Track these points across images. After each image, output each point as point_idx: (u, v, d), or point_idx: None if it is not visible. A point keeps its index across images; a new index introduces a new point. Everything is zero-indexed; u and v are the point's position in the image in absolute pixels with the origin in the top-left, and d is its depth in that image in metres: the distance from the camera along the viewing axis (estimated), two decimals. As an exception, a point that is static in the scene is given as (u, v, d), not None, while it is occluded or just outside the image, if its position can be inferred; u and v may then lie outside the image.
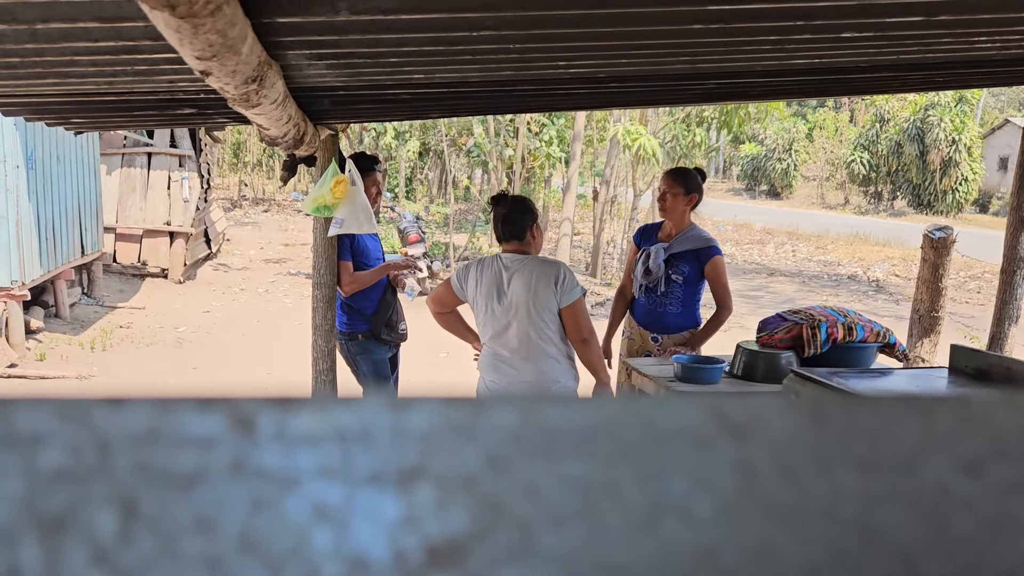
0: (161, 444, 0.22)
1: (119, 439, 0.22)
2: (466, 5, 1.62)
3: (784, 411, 0.25)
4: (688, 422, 0.24)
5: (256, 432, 0.23)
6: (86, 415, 0.22)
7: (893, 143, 27.77)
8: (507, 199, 3.19)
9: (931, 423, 0.25)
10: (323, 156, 3.80)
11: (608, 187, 12.59)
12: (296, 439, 0.23)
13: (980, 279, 13.66)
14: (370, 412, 0.23)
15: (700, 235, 4.04)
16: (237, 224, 16.36)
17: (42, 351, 7.43)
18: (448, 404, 0.24)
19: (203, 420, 0.22)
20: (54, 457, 0.21)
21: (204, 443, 0.22)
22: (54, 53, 1.78)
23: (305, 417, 0.23)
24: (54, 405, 0.22)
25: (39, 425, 0.22)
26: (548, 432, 0.24)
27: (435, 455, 0.23)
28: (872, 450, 0.24)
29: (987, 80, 3.63)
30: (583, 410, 0.24)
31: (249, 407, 0.23)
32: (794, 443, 0.24)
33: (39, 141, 7.90)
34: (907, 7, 1.79)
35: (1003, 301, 4.88)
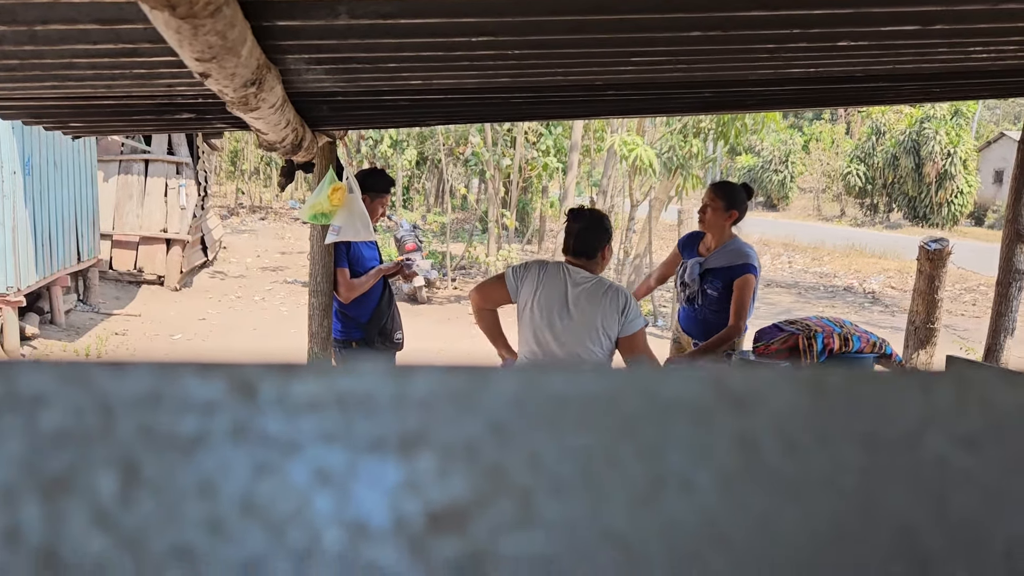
0: (163, 408, 0.22)
1: (121, 402, 0.22)
2: (465, 10, 1.63)
3: (785, 384, 0.25)
4: (690, 394, 0.24)
5: (258, 397, 0.23)
6: (88, 378, 0.22)
7: (889, 156, 27.87)
8: (585, 214, 3.07)
9: (930, 398, 0.25)
10: (321, 163, 3.80)
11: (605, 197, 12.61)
12: (298, 405, 0.23)
13: (976, 291, 13.69)
14: (372, 379, 0.23)
15: (738, 250, 3.96)
16: (234, 232, 16.35)
17: (37, 358, 7.41)
18: (450, 372, 0.24)
19: (205, 385, 0.22)
20: (56, 418, 0.21)
21: (206, 407, 0.22)
22: (53, 55, 1.78)
23: (307, 383, 0.23)
24: (56, 368, 0.22)
25: (41, 386, 0.22)
26: (550, 401, 0.24)
27: (437, 422, 0.23)
28: (872, 424, 0.24)
29: (982, 91, 3.65)
30: (585, 380, 0.24)
31: (251, 373, 0.23)
32: (795, 416, 0.24)
33: (36, 147, 7.89)
34: (903, 16, 1.80)
35: (999, 313, 4.89)
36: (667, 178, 11.49)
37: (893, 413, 0.25)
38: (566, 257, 3.07)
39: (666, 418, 0.24)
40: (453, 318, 10.48)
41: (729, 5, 1.67)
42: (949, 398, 0.25)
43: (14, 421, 0.21)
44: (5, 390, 0.21)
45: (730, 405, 0.24)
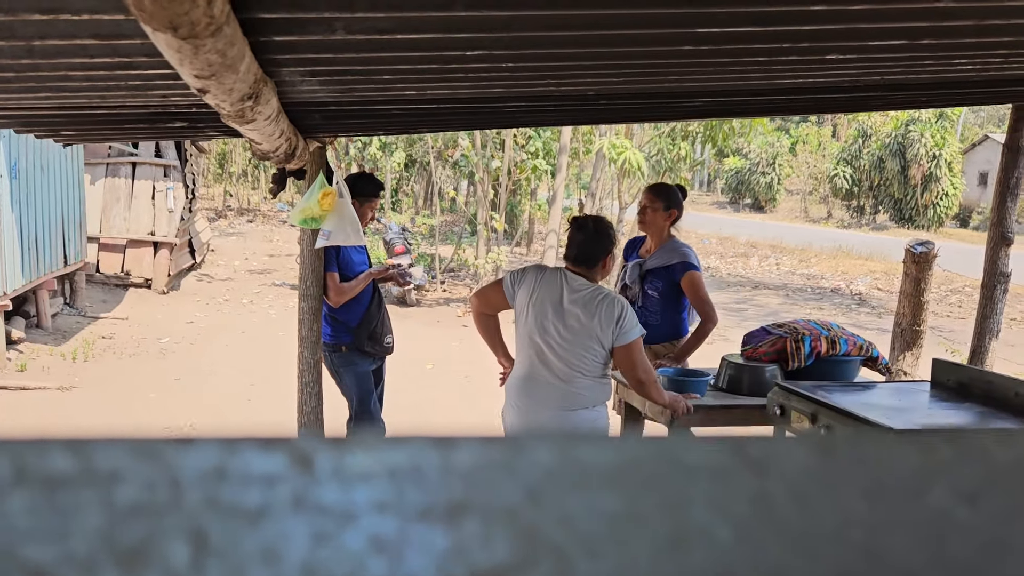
0: (228, 481, 0.24)
1: (190, 476, 0.24)
2: (461, 26, 1.65)
3: (799, 447, 0.27)
4: (710, 458, 0.26)
5: (315, 470, 0.24)
6: (159, 453, 0.24)
7: (875, 158, 28.09)
8: (588, 225, 3.05)
9: (932, 455, 0.27)
10: (311, 168, 3.81)
11: (594, 200, 12.66)
12: (352, 476, 0.24)
13: (961, 292, 13.83)
14: (419, 450, 0.25)
15: (676, 250, 4.03)
16: (222, 234, 16.30)
17: (23, 362, 7.36)
18: (490, 443, 0.25)
19: (266, 458, 0.24)
20: (130, 492, 0.23)
21: (268, 480, 0.24)
22: (49, 68, 1.79)
23: (360, 456, 0.25)
24: (129, 444, 0.24)
25: (116, 462, 0.23)
26: (581, 468, 0.26)
27: (479, 490, 0.25)
28: (878, 480, 0.27)
29: (967, 99, 3.71)
30: (613, 448, 0.26)
31: (308, 446, 0.25)
32: (806, 474, 0.26)
33: (23, 151, 7.85)
34: (891, 31, 1.84)
35: (984, 315, 4.95)
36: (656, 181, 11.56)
37: (898, 470, 0.27)
38: (566, 264, 3.09)
39: (688, 480, 0.26)
40: (442, 320, 10.49)
41: (721, 22, 1.69)
42: (949, 455, 0.28)
43: (92, 496, 0.23)
44: (83, 466, 0.23)
45: (747, 467, 0.26)
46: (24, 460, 0.23)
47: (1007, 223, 4.77)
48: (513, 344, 3.24)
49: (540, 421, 3.00)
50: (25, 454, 0.23)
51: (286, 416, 4.45)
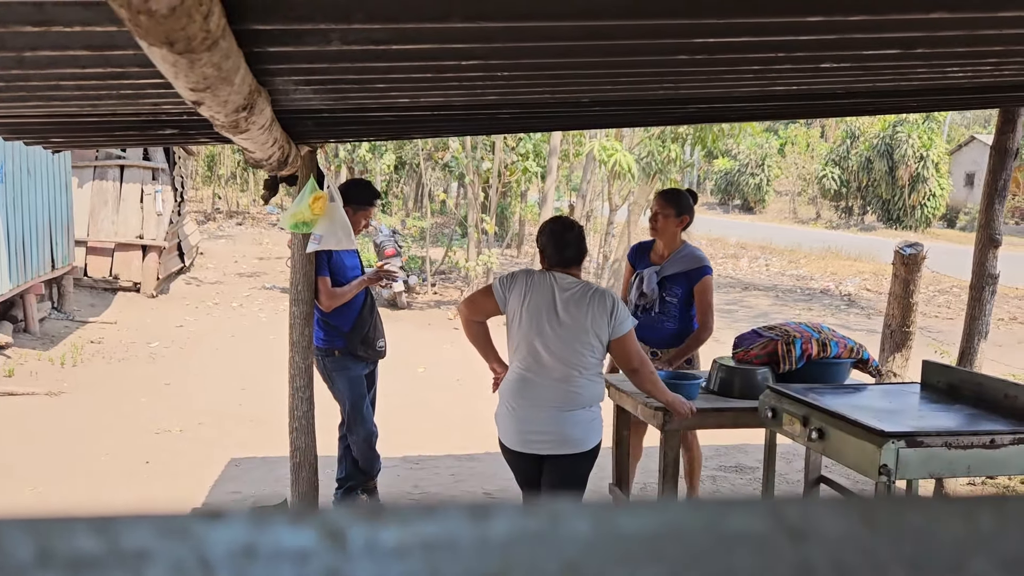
0: (259, 558, 0.23)
1: (219, 554, 0.23)
2: (455, 37, 1.64)
3: (838, 513, 0.26)
4: (750, 526, 0.26)
5: (347, 544, 0.24)
6: (186, 531, 0.23)
7: (863, 159, 28.24)
8: (573, 228, 3.13)
9: (973, 523, 0.27)
10: (302, 172, 3.79)
11: (584, 202, 12.67)
12: (385, 551, 0.24)
13: (949, 293, 13.91)
14: (453, 522, 0.24)
15: (692, 255, 4.11)
16: (211, 237, 16.22)
17: (11, 367, 7.30)
18: (526, 513, 0.25)
19: (297, 534, 0.23)
20: (160, 573, 0.22)
21: (299, 556, 0.23)
22: (39, 78, 1.77)
23: (393, 529, 0.24)
24: (156, 521, 0.23)
25: (143, 542, 0.23)
26: (620, 539, 0.25)
27: (516, 563, 0.24)
28: (920, 550, 0.26)
29: (957, 105, 3.73)
30: (651, 516, 0.26)
31: (339, 520, 0.24)
32: (849, 544, 0.26)
33: (9, 154, 7.79)
34: (885, 41, 1.84)
35: (972, 317, 4.99)
36: (646, 183, 11.57)
37: (939, 538, 0.27)
38: (553, 268, 3.10)
39: (729, 548, 0.26)
40: (433, 323, 10.47)
41: (715, 32, 1.69)
42: (990, 522, 0.27)
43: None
44: (109, 546, 0.22)
45: (787, 535, 0.26)
46: (49, 540, 0.22)
47: (995, 225, 4.80)
48: (503, 349, 3.24)
49: (536, 421, 3.00)
50: (49, 534, 0.22)
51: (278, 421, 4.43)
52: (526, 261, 15.09)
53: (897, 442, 2.68)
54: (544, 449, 3.02)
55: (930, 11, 1.60)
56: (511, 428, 3.07)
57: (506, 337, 3.15)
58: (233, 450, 5.37)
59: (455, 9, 1.46)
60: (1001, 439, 2.81)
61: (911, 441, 2.70)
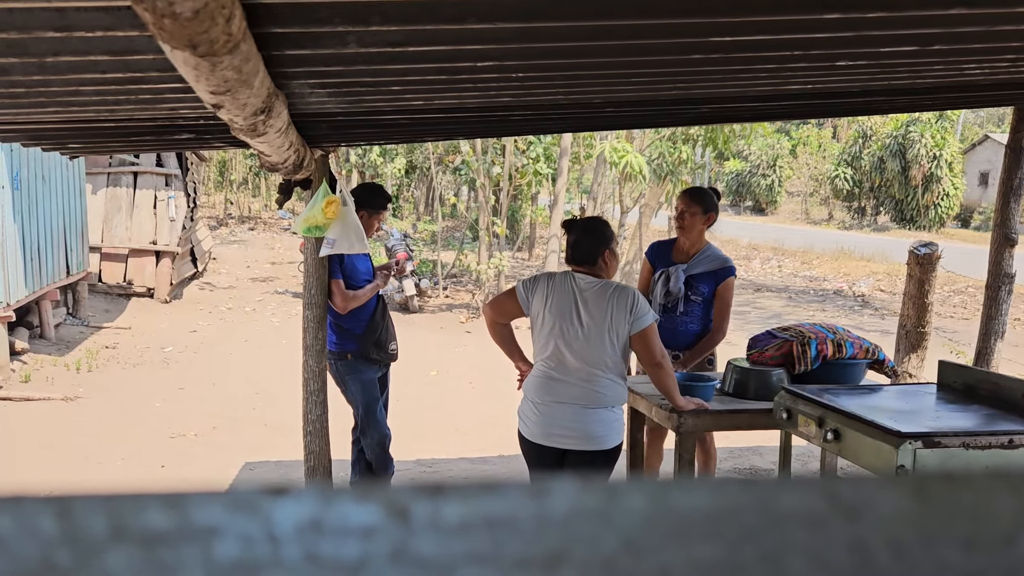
0: (326, 534, 0.23)
1: (287, 530, 0.23)
2: (472, 38, 1.65)
3: (891, 491, 0.26)
4: (804, 504, 0.26)
5: (411, 521, 0.24)
6: (255, 507, 0.23)
7: (875, 159, 28.09)
8: (577, 224, 3.14)
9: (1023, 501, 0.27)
10: (315, 176, 3.81)
11: (595, 203, 12.67)
12: (449, 527, 0.24)
13: (964, 293, 13.81)
14: (514, 499, 0.25)
15: (717, 255, 4.11)
16: (223, 242, 16.31)
17: (27, 372, 7.36)
18: (585, 490, 0.25)
19: (362, 510, 0.24)
20: (230, 548, 0.23)
21: (365, 532, 0.24)
22: (60, 84, 1.79)
23: (455, 505, 0.24)
24: (226, 498, 0.23)
25: (214, 518, 0.23)
26: (677, 516, 0.25)
27: (575, 540, 0.24)
28: (972, 527, 0.26)
29: (972, 102, 3.71)
30: (707, 494, 0.26)
31: (403, 496, 0.24)
32: (901, 521, 0.26)
33: (24, 161, 7.86)
34: (902, 38, 1.84)
35: (989, 316, 4.95)
36: (657, 184, 11.56)
37: (992, 514, 0.27)
38: (570, 266, 3.14)
39: (783, 527, 0.26)
40: (445, 326, 10.48)
41: (731, 31, 1.69)
42: (1040, 499, 0.27)
43: (192, 552, 0.23)
44: (181, 522, 0.23)
45: (841, 513, 0.26)
46: (122, 516, 0.23)
47: (1010, 224, 4.77)
48: (528, 348, 3.27)
49: (560, 417, 3.03)
50: (122, 510, 0.23)
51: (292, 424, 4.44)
52: (537, 264, 15.09)
53: (914, 443, 2.67)
54: (567, 444, 3.04)
55: (948, 7, 1.60)
56: (535, 422, 3.09)
57: (531, 338, 3.19)
58: (247, 454, 5.39)
59: (471, 10, 1.46)
60: (1019, 439, 2.79)
61: (928, 442, 2.68)
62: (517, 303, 3.15)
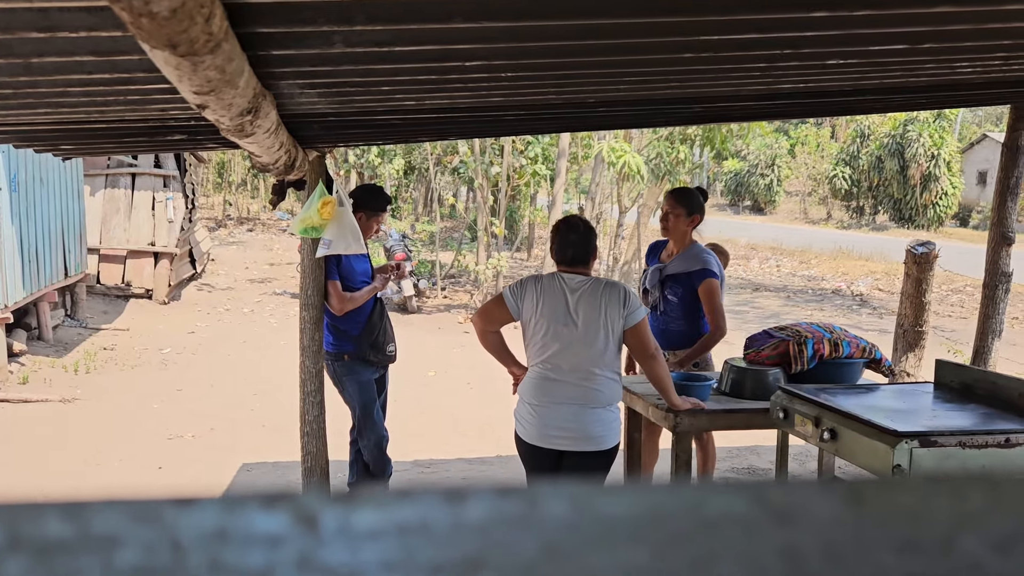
0: (231, 542, 0.23)
1: (191, 538, 0.23)
2: (460, 37, 1.64)
3: (823, 495, 0.26)
4: (733, 509, 0.25)
5: (320, 529, 0.23)
6: (158, 515, 0.23)
7: (874, 158, 28.07)
8: (580, 226, 3.15)
9: (962, 503, 0.26)
10: (310, 177, 3.81)
11: (593, 204, 12.66)
12: (359, 535, 0.23)
13: (962, 292, 13.80)
14: (428, 506, 0.24)
15: (697, 256, 4.05)
16: (222, 244, 16.30)
17: (25, 374, 7.35)
18: (502, 495, 0.24)
19: (269, 518, 0.23)
20: (131, 557, 0.22)
21: (271, 540, 0.23)
22: (47, 85, 1.79)
23: (366, 512, 0.24)
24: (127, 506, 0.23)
25: (114, 526, 0.22)
26: (600, 521, 0.25)
27: (494, 546, 0.24)
28: (908, 531, 0.25)
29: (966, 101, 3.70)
30: (632, 498, 0.25)
31: (312, 504, 0.24)
32: (835, 526, 0.25)
33: (22, 163, 7.86)
34: (892, 36, 1.83)
35: (986, 315, 4.94)
36: (655, 184, 11.54)
37: (927, 519, 0.26)
38: (560, 267, 3.13)
39: (713, 532, 0.25)
40: (444, 327, 10.47)
41: (721, 29, 1.69)
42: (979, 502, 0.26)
43: (91, 561, 0.22)
44: (80, 531, 0.22)
45: (773, 518, 0.25)
46: (19, 525, 0.22)
47: (1008, 223, 4.76)
48: (520, 352, 3.26)
49: (558, 417, 3.02)
50: (19, 519, 0.22)
51: (289, 425, 4.44)
52: (536, 264, 15.08)
53: (911, 442, 2.66)
54: (564, 445, 3.04)
55: (934, 5, 1.59)
56: (531, 423, 3.08)
57: (523, 342, 3.17)
58: (245, 455, 5.38)
59: (456, 10, 1.46)
60: (1016, 438, 2.78)
61: (925, 441, 2.68)
62: (506, 310, 3.14)
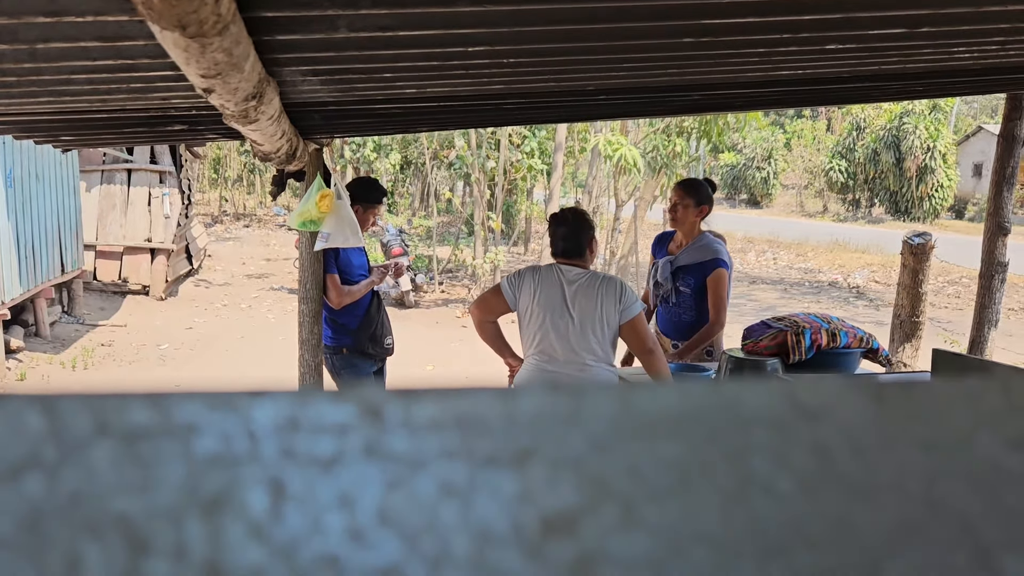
0: (302, 431, 0.24)
1: (264, 427, 0.24)
2: (461, 22, 1.65)
3: (851, 394, 0.27)
4: (766, 406, 0.27)
5: (384, 420, 0.25)
6: (234, 405, 0.24)
7: (870, 151, 28.12)
8: (568, 218, 3.16)
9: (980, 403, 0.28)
10: (309, 170, 3.82)
11: (590, 197, 12.67)
12: (420, 425, 0.25)
13: (958, 283, 13.86)
14: (484, 401, 0.26)
15: (707, 246, 4.06)
16: (218, 240, 16.29)
17: (23, 371, 7.35)
18: (552, 394, 0.26)
19: (337, 409, 0.25)
20: (209, 444, 0.24)
21: (340, 429, 0.24)
22: (51, 72, 1.79)
23: (427, 405, 0.25)
24: (205, 398, 0.24)
25: (194, 416, 0.24)
26: (643, 417, 0.26)
27: (544, 439, 0.25)
28: (929, 430, 0.27)
29: (964, 89, 3.72)
30: (673, 397, 0.27)
31: (377, 397, 0.25)
32: (861, 424, 0.27)
33: (17, 159, 7.84)
34: (890, 20, 1.85)
35: (982, 305, 4.97)
36: (652, 177, 11.55)
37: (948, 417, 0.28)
38: (557, 259, 3.14)
39: (747, 428, 0.27)
40: (442, 321, 10.49)
41: (721, 13, 1.70)
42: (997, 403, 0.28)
43: (173, 447, 0.24)
44: (162, 419, 0.24)
45: (803, 415, 0.27)
46: (105, 414, 0.24)
47: (1003, 213, 4.78)
48: (517, 342, 3.28)
49: None
50: (106, 408, 0.24)
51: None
52: (533, 258, 15.10)
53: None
54: None
55: (934, -13, 1.61)
56: None
57: (519, 333, 3.19)
58: (245, 448, 5.39)
59: (461, -7, 1.47)
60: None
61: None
62: (503, 300, 3.16)
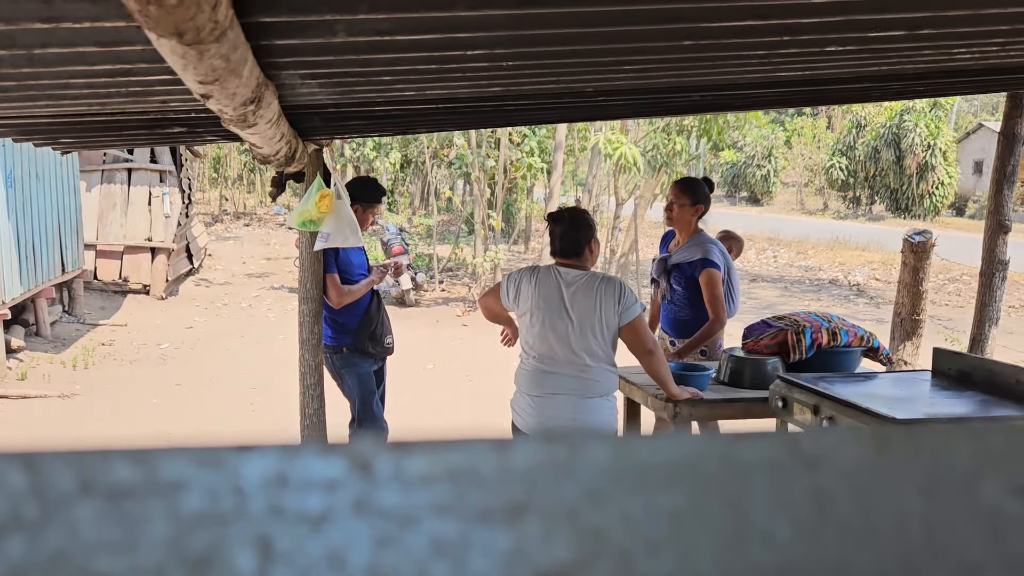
0: (290, 487, 0.24)
1: (252, 483, 0.24)
2: (460, 26, 1.65)
3: (850, 442, 0.27)
4: (764, 455, 0.26)
5: (375, 474, 0.24)
6: (221, 462, 0.24)
7: (870, 148, 28.10)
8: (565, 217, 3.15)
9: (984, 448, 0.27)
10: (308, 170, 3.82)
11: (590, 196, 12.66)
12: (411, 480, 0.24)
13: (959, 281, 13.85)
14: (477, 452, 0.25)
15: (701, 245, 4.06)
16: (219, 239, 16.28)
17: (23, 370, 7.35)
18: (548, 444, 0.26)
19: (326, 464, 0.24)
20: (195, 501, 0.23)
21: (329, 485, 0.24)
22: (49, 76, 1.79)
23: (418, 459, 0.25)
24: (191, 453, 0.24)
25: (180, 472, 0.24)
26: (639, 467, 0.26)
27: (538, 491, 0.25)
28: (931, 475, 0.27)
29: (964, 88, 3.71)
30: (669, 447, 0.26)
31: (367, 451, 0.25)
32: (861, 470, 0.26)
33: (18, 159, 7.84)
34: (890, 22, 1.84)
35: (983, 303, 4.96)
36: (652, 176, 11.54)
37: (951, 464, 0.27)
38: (555, 259, 3.13)
39: (745, 477, 0.26)
40: (442, 320, 10.48)
41: (722, 16, 1.69)
42: (1002, 448, 0.28)
43: (157, 505, 0.23)
44: (147, 476, 0.23)
45: (802, 463, 0.27)
46: (89, 471, 0.23)
47: (1004, 211, 4.78)
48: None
49: (555, 408, 3.03)
50: (90, 465, 0.23)
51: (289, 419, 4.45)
52: (533, 257, 15.09)
53: (909, 428, 2.68)
54: None
55: (935, -9, 1.60)
56: (529, 414, 3.10)
57: (519, 332, 3.21)
58: (245, 448, 5.39)
59: (459, -2, 1.46)
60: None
61: (923, 427, 2.69)
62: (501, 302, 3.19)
